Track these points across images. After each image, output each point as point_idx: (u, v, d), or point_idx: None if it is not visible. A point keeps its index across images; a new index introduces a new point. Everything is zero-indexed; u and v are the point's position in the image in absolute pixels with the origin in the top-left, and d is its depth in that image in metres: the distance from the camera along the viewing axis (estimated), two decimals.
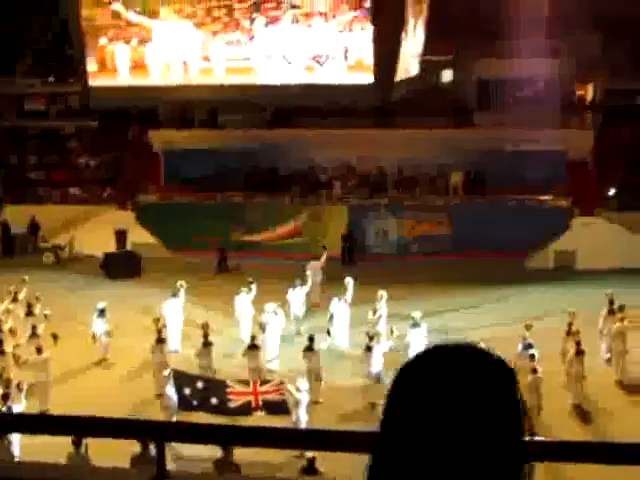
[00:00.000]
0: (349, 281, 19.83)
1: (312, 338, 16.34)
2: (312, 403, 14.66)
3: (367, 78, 20.68)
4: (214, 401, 14.12)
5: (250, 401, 13.91)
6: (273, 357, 17.77)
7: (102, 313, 18.22)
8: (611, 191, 26.60)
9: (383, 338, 17.00)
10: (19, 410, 13.38)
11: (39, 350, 15.78)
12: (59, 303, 20.69)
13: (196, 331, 17.55)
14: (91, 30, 23.06)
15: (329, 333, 18.24)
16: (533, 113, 25.57)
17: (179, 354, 17.85)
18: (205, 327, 16.88)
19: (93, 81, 23.58)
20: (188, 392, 14.30)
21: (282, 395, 13.80)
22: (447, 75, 28.88)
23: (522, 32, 24.87)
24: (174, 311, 18.96)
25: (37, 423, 2.69)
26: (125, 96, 23.58)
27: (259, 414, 13.80)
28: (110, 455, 6.63)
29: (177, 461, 11.38)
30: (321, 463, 10.97)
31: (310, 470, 10.95)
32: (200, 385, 14.34)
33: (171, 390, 14.47)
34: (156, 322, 17.46)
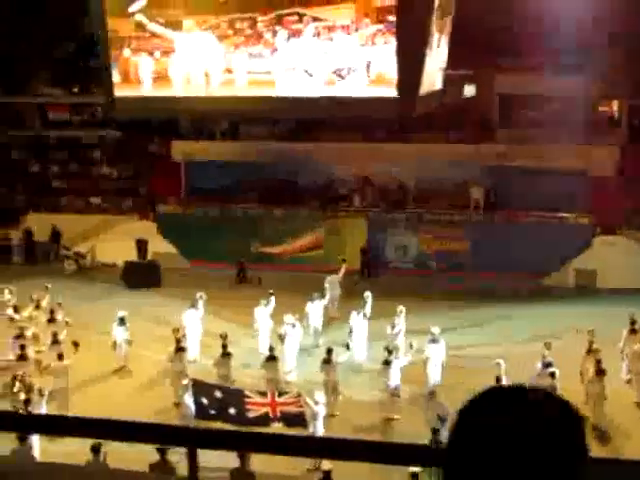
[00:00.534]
0: (368, 295, 19.81)
1: (330, 351, 16.33)
2: (328, 416, 14.64)
3: (389, 92, 20.67)
4: (232, 411, 14.09)
5: (268, 412, 13.87)
6: (291, 369, 17.79)
7: (122, 321, 18.37)
8: None
9: (401, 352, 16.97)
10: None
11: (60, 356, 15.91)
12: (79, 311, 20.85)
13: (215, 341, 17.58)
14: (115, 41, 23.28)
15: (348, 347, 18.18)
16: (556, 129, 25.44)
17: (197, 364, 17.89)
18: (224, 337, 16.93)
19: (117, 92, 23.78)
20: (206, 401, 14.28)
21: (300, 407, 13.77)
22: (470, 90, 28.84)
23: (545, 48, 24.82)
24: (193, 322, 19.05)
25: (73, 425, 2.70)
26: (148, 107, 23.75)
27: (276, 425, 13.77)
28: (128, 462, 6.65)
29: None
30: (337, 477, 10.93)
31: None
32: (218, 395, 14.31)
33: (189, 399, 14.50)
34: (176, 332, 17.57)
